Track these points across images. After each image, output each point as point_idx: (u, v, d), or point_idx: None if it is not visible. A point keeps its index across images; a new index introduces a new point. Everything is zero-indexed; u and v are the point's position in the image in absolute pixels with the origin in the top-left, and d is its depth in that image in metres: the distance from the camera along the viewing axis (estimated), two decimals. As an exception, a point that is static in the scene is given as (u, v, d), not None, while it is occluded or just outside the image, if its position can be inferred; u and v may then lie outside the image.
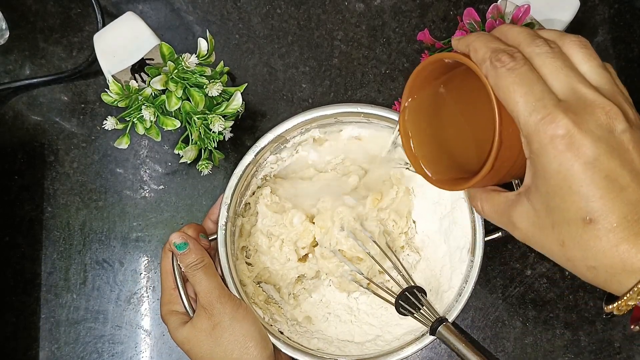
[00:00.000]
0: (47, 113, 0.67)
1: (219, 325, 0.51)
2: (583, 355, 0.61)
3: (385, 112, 0.56)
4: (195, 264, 0.52)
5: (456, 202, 0.57)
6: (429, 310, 0.52)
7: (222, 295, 0.52)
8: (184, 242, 0.53)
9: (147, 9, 0.68)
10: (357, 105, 0.56)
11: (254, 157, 0.56)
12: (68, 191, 0.66)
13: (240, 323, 0.51)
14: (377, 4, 0.67)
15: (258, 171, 0.59)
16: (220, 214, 0.55)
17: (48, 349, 0.64)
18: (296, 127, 0.57)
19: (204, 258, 0.53)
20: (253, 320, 0.52)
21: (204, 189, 0.65)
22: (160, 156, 0.66)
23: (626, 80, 0.63)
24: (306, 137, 0.59)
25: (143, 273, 0.65)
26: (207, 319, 0.51)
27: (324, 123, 0.58)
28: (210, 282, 0.52)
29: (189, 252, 0.52)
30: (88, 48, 0.67)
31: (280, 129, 0.56)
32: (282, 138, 0.57)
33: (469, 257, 0.54)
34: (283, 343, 0.53)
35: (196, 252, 0.53)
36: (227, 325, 0.51)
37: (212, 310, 0.51)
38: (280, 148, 0.59)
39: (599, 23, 0.65)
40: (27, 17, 0.68)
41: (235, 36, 0.67)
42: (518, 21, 0.53)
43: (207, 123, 0.56)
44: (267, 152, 0.57)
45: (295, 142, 0.59)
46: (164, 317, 0.54)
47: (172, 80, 0.54)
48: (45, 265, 0.65)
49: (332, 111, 0.56)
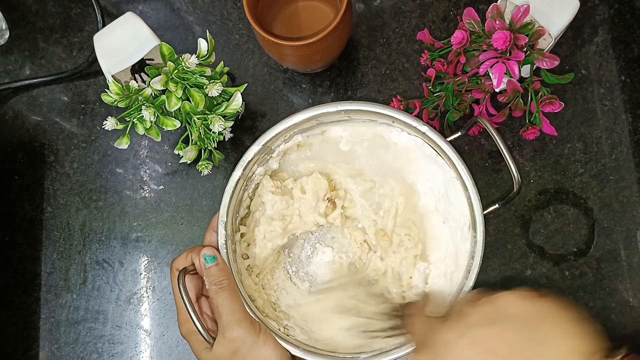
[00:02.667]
0: (47, 113, 0.67)
1: (239, 351, 0.50)
2: (583, 355, 0.61)
3: (365, 106, 0.55)
4: (222, 281, 0.51)
5: (449, 182, 0.57)
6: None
7: (244, 319, 0.51)
8: (213, 255, 0.52)
9: (147, 9, 0.68)
10: (337, 104, 0.55)
11: (243, 171, 0.55)
12: (68, 191, 0.66)
13: (260, 349, 0.51)
14: (377, 4, 0.67)
15: (249, 185, 0.58)
16: (219, 234, 0.54)
17: (48, 349, 0.64)
18: (279, 136, 0.56)
19: (230, 277, 0.52)
20: (274, 345, 0.52)
21: (204, 189, 0.65)
22: (160, 156, 0.66)
23: (626, 80, 0.63)
24: (290, 144, 0.58)
25: (143, 273, 0.65)
26: (227, 346, 0.50)
27: (306, 127, 0.57)
28: (233, 303, 0.51)
29: (216, 268, 0.52)
30: (88, 48, 0.67)
31: (264, 139, 0.55)
32: (268, 148, 0.57)
33: (471, 233, 0.54)
34: (303, 350, 0.53)
35: (224, 268, 0.52)
36: (248, 351, 0.50)
37: (232, 335, 0.50)
38: (267, 159, 0.58)
39: (599, 23, 0.65)
40: (27, 17, 0.68)
41: (235, 36, 0.67)
42: (517, 21, 0.53)
43: (207, 123, 0.56)
44: (255, 164, 0.57)
45: (280, 150, 0.58)
46: (184, 336, 0.53)
47: (172, 80, 0.54)
48: (45, 265, 0.65)
49: (312, 114, 0.55)
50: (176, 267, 0.53)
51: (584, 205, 0.63)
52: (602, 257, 0.62)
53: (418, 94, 0.64)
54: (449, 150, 0.54)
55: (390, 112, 0.55)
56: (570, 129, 0.63)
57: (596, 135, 0.63)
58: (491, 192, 0.63)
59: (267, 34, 0.54)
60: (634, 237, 0.62)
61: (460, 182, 0.55)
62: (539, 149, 0.63)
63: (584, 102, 0.64)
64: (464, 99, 0.59)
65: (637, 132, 0.63)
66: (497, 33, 0.52)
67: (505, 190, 0.63)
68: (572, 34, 0.64)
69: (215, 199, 0.65)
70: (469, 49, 0.56)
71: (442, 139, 0.54)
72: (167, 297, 0.64)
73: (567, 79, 0.56)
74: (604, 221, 0.62)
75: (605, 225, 0.62)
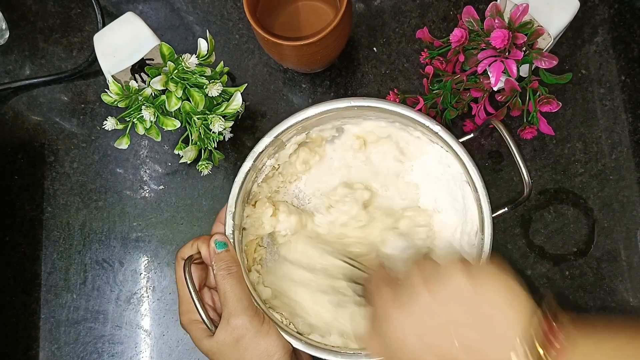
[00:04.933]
0: (47, 113, 0.67)
1: (242, 339, 0.50)
2: (583, 355, 0.61)
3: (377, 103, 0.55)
4: (231, 267, 0.52)
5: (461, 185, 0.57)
6: None
7: (249, 307, 0.51)
8: (224, 242, 0.53)
9: (147, 9, 0.68)
10: (351, 99, 0.55)
11: (253, 162, 0.55)
12: (68, 191, 0.66)
13: (264, 338, 0.51)
14: (377, 4, 0.67)
15: (258, 176, 0.58)
16: (227, 224, 0.55)
17: (48, 349, 0.64)
18: (292, 128, 0.56)
19: (238, 264, 0.53)
20: (277, 337, 0.52)
21: (203, 189, 0.65)
22: (160, 156, 0.66)
23: (626, 80, 0.63)
24: (302, 136, 0.58)
25: (143, 273, 0.65)
26: (230, 333, 0.50)
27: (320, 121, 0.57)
28: (241, 290, 0.51)
29: (226, 254, 0.52)
30: (88, 48, 0.68)
31: (277, 131, 0.55)
32: (279, 141, 0.57)
33: (479, 235, 0.54)
34: (305, 344, 0.53)
35: (234, 255, 0.53)
36: (251, 340, 0.51)
37: (236, 322, 0.50)
38: (278, 151, 0.58)
39: (599, 23, 0.65)
40: (27, 17, 0.68)
41: (235, 36, 0.67)
42: (516, 20, 0.53)
43: (207, 123, 0.56)
44: (265, 156, 0.57)
45: (292, 143, 0.58)
46: (184, 326, 0.53)
47: (172, 80, 0.54)
48: (45, 265, 0.65)
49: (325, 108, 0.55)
50: (181, 256, 0.53)
51: (584, 205, 0.63)
52: (602, 257, 0.62)
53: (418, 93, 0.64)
54: (461, 151, 0.54)
55: (403, 110, 0.54)
56: (570, 129, 0.63)
57: (596, 135, 0.63)
58: (491, 192, 0.63)
59: (267, 34, 0.54)
60: (634, 237, 0.62)
61: (471, 185, 0.54)
62: (539, 149, 0.63)
63: (584, 102, 0.64)
64: (462, 97, 0.59)
65: (637, 132, 0.63)
66: (496, 32, 0.52)
67: (506, 191, 0.63)
68: (572, 33, 0.64)
69: (215, 199, 0.65)
70: (468, 47, 0.56)
71: (454, 139, 0.54)
72: (167, 297, 0.64)
73: (566, 79, 0.56)
74: (604, 221, 0.62)
75: (605, 225, 0.62)
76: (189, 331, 0.53)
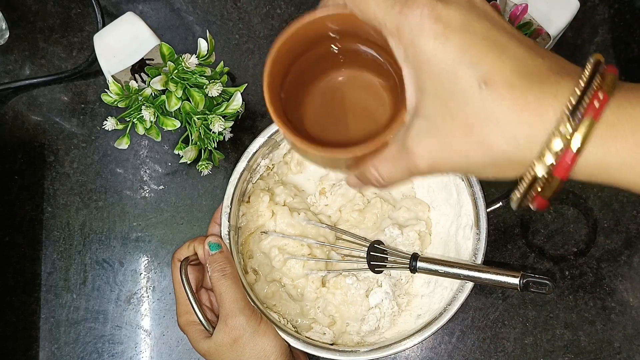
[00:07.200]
0: (47, 113, 0.67)
1: (240, 339, 0.51)
2: (583, 355, 0.61)
3: None
4: (225, 268, 0.52)
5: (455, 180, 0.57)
6: (399, 256, 0.53)
7: (246, 307, 0.51)
8: (218, 243, 0.53)
9: (147, 9, 0.68)
10: None
11: (247, 163, 0.56)
12: (68, 191, 0.66)
13: (261, 338, 0.51)
14: (377, 4, 0.67)
15: (252, 176, 0.58)
16: (222, 224, 0.55)
17: (48, 349, 0.64)
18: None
19: (233, 265, 0.53)
20: (274, 336, 0.52)
21: (203, 189, 0.65)
22: (160, 156, 0.66)
23: (626, 80, 0.63)
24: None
25: (143, 273, 0.65)
26: (228, 333, 0.51)
27: None
28: (236, 291, 0.51)
29: (220, 255, 0.52)
30: (88, 48, 0.68)
31: (270, 131, 0.55)
32: (273, 141, 0.57)
33: (474, 231, 0.54)
34: (302, 342, 0.53)
35: (228, 256, 0.53)
36: (248, 340, 0.51)
37: (233, 323, 0.51)
38: (272, 151, 0.58)
39: (599, 23, 0.65)
40: (27, 17, 0.68)
41: (235, 36, 0.67)
42: (515, 20, 0.53)
43: (207, 123, 0.56)
44: (259, 156, 0.57)
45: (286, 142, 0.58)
46: (182, 327, 0.53)
47: (172, 80, 0.54)
48: (45, 265, 0.65)
49: None
50: (178, 257, 0.54)
51: (584, 205, 0.63)
52: (602, 257, 0.62)
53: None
54: None
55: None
56: (570, 129, 0.63)
57: (596, 135, 0.63)
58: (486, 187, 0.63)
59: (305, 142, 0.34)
60: (634, 237, 0.62)
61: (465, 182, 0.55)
62: (539, 149, 0.63)
63: (583, 102, 0.64)
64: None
65: (637, 132, 0.63)
66: (497, 33, 0.52)
67: (506, 189, 0.63)
68: (572, 34, 0.64)
69: (215, 199, 0.65)
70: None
71: None
72: (167, 297, 0.64)
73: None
74: (604, 221, 0.62)
75: (605, 225, 0.62)
76: (186, 332, 0.53)
